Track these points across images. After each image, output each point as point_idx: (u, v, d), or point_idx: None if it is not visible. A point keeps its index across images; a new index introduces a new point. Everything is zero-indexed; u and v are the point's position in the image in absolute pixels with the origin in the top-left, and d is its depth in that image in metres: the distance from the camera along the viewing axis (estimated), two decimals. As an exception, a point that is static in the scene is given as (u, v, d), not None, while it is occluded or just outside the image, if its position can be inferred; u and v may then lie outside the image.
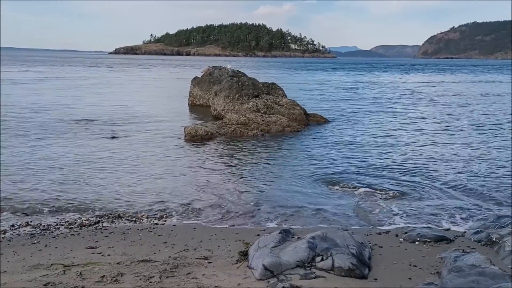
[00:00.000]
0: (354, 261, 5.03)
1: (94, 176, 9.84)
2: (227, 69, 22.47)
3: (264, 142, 13.92)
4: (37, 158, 11.38)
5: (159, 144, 13.32)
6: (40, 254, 5.78)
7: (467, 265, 5.04)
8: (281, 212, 7.75)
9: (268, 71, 70.92)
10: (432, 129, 16.97)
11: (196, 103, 22.63)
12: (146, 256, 5.65)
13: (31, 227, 6.89)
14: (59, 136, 14.17)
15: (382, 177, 10.09)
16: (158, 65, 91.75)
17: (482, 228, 6.52)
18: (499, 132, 16.29)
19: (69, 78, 44.72)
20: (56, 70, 59.87)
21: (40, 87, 32.58)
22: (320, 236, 5.45)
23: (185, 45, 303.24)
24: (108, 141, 13.63)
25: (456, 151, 12.88)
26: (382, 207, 8.08)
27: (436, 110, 22.78)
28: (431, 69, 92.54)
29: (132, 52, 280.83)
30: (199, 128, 14.57)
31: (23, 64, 76.30)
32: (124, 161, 11.25)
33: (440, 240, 6.28)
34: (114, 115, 19.03)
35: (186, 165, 11.01)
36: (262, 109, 17.21)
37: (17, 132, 14.62)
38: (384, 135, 15.54)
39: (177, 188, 9.10)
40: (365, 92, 34.02)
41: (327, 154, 12.29)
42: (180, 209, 7.88)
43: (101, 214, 7.57)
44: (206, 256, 5.65)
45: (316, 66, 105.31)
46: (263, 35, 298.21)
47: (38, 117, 17.91)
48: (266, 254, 5.12)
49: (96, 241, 6.30)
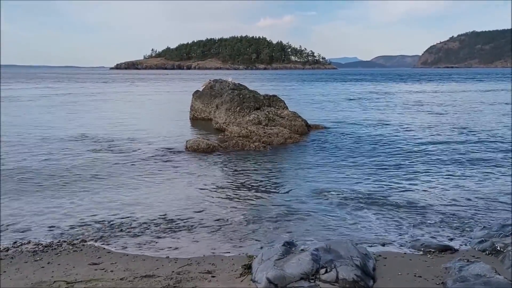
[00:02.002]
0: (358, 273, 5.00)
1: (93, 189, 9.83)
2: (228, 82, 22.57)
3: (267, 154, 13.93)
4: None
5: (161, 158, 13.32)
6: (42, 271, 5.76)
7: (472, 275, 5.00)
8: (283, 224, 7.73)
9: (280, 83, 71.43)
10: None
11: (197, 116, 22.69)
12: (149, 271, 5.62)
13: (34, 244, 6.87)
14: (60, 150, 14.19)
15: (383, 186, 10.07)
16: (159, 80, 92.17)
17: (486, 237, 6.48)
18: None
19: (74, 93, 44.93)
20: (65, 86, 60.20)
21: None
22: (323, 248, 5.43)
23: (186, 59, 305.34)
24: (106, 153, 13.65)
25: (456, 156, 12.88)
26: (385, 217, 8.05)
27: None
28: (444, 78, 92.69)
29: (133, 67, 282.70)
30: (200, 142, 14.59)
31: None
32: (123, 175, 11.25)
33: (444, 250, 6.25)
34: (115, 129, 19.09)
35: (187, 178, 10.99)
36: (264, 121, 17.26)
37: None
38: (386, 143, 15.53)
39: (177, 201, 9.07)
40: (375, 101, 34.22)
41: (327, 165, 12.29)
42: (182, 223, 7.85)
43: (103, 228, 7.55)
44: (209, 270, 5.62)
45: (321, 77, 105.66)
46: (263, 48, 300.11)
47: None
48: (269, 267, 5.09)
49: (99, 257, 6.28)
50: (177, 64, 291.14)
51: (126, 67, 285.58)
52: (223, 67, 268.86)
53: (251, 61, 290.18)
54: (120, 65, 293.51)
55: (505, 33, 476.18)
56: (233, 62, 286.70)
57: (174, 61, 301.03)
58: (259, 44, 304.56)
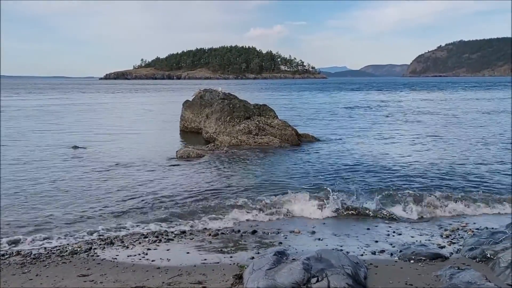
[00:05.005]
0: (349, 282, 4.99)
1: (78, 199, 9.74)
2: (218, 92, 22.57)
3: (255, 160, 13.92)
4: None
5: (152, 167, 13.26)
6: (31, 283, 5.67)
7: (463, 282, 5.02)
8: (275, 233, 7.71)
9: (270, 93, 71.58)
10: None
11: (188, 126, 22.64)
12: (139, 283, 5.56)
13: (21, 256, 6.77)
14: (53, 166, 14.08)
15: (372, 193, 10.05)
16: (149, 90, 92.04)
17: (477, 244, 6.51)
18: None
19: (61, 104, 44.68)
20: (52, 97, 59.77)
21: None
22: (314, 257, 5.42)
23: (175, 69, 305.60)
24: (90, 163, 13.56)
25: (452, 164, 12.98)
26: (375, 226, 8.07)
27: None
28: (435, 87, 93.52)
29: (123, 77, 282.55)
30: (191, 151, 14.56)
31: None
32: (109, 185, 11.17)
33: (435, 258, 6.26)
34: (104, 139, 19.00)
35: (176, 186, 10.96)
36: (254, 130, 17.27)
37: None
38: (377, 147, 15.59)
39: (166, 209, 9.01)
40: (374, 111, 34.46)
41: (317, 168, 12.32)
42: (172, 232, 7.79)
43: (92, 239, 7.47)
44: (200, 281, 5.57)
45: (310, 87, 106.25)
46: (253, 58, 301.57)
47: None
48: (261, 277, 5.07)
49: (88, 268, 6.20)
50: (167, 74, 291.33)
51: (116, 77, 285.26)
52: (213, 76, 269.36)
53: (241, 70, 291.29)
54: (109, 75, 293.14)
55: (492, 42, 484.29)
56: (223, 72, 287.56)
57: (164, 70, 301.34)
58: (249, 54, 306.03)
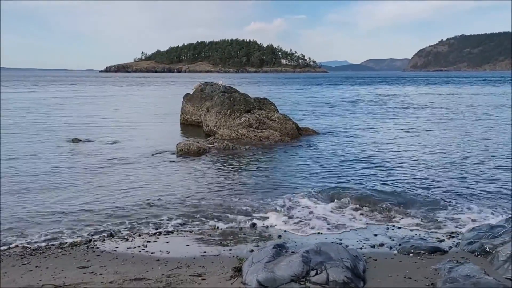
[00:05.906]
0: (348, 275, 5.00)
1: (81, 191, 9.76)
2: (219, 85, 22.53)
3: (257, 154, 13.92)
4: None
5: (151, 160, 13.27)
6: (30, 275, 5.69)
7: (461, 276, 5.03)
8: (275, 226, 7.72)
9: (271, 86, 71.27)
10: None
11: (188, 119, 22.61)
12: (138, 275, 5.58)
13: (22, 247, 6.79)
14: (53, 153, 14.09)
15: (372, 188, 10.09)
16: (150, 83, 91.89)
17: (476, 238, 6.52)
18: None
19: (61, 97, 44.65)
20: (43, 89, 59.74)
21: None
22: (314, 250, 5.43)
23: (176, 62, 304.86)
24: (91, 158, 13.57)
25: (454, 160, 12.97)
26: (375, 220, 8.09)
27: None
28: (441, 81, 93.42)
29: (123, 70, 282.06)
30: (191, 145, 14.55)
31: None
32: (110, 178, 11.18)
33: (434, 252, 6.28)
34: (105, 132, 19.00)
35: (177, 180, 10.96)
36: (254, 124, 17.25)
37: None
38: (376, 144, 15.59)
39: (166, 203, 9.02)
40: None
41: (316, 166, 12.33)
42: (172, 225, 7.80)
43: (93, 231, 7.49)
44: (199, 273, 5.59)
45: (312, 80, 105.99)
46: (254, 51, 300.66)
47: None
48: (260, 270, 5.08)
49: (88, 260, 6.21)
50: (168, 67, 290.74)
51: (116, 70, 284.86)
52: (213, 70, 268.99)
53: (242, 64, 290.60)
54: (109, 68, 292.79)
55: (493, 37, 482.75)
56: (223, 65, 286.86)
57: (164, 64, 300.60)
58: (249, 48, 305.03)
